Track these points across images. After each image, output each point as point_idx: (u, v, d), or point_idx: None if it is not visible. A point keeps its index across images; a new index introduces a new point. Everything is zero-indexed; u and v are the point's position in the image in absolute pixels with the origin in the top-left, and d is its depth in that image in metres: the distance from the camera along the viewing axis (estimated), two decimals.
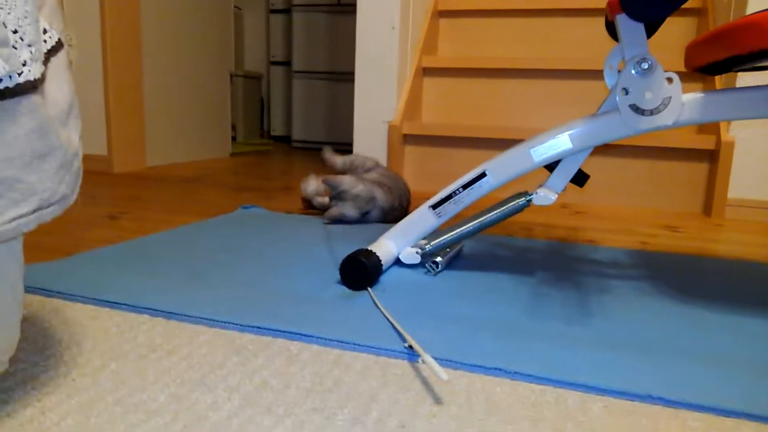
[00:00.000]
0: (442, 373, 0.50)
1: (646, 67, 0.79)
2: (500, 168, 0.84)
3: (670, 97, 0.79)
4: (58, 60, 0.51)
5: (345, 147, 3.50)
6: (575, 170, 0.84)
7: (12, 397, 0.50)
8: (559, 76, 1.89)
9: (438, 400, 0.52)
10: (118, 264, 0.89)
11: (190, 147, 2.56)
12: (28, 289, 0.76)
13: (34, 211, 0.45)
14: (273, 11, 3.85)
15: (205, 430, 0.46)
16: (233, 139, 3.16)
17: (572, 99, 1.89)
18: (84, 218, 1.26)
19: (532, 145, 0.82)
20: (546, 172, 0.88)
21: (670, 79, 0.79)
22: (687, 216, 1.59)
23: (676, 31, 1.92)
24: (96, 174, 1.98)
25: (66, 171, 0.47)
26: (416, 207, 0.91)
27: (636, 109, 0.80)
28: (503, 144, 1.78)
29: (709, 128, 1.68)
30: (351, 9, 3.37)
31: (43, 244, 1.03)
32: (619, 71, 0.83)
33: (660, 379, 0.56)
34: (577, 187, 1.73)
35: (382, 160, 1.88)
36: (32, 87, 0.44)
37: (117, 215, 1.30)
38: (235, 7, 3.13)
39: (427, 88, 2.03)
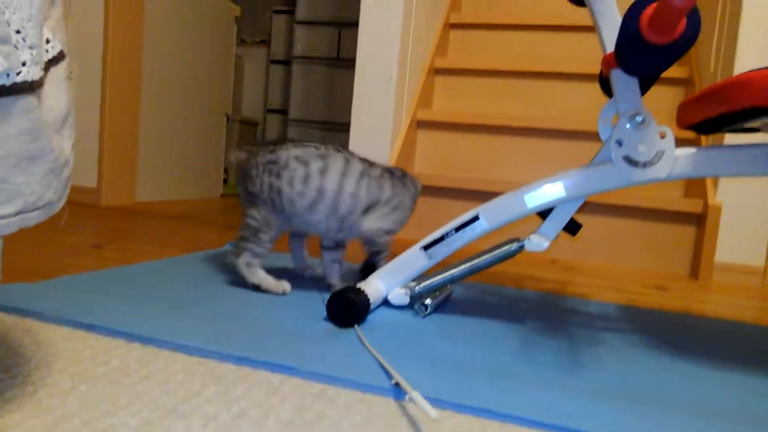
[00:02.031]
0: (431, 410, 0.48)
1: (640, 120, 0.80)
2: (494, 212, 0.84)
3: (664, 151, 0.80)
4: (58, 70, 0.51)
5: None
6: (568, 218, 0.84)
7: None
8: (551, 136, 1.93)
9: None
10: (98, 289, 0.86)
11: (181, 185, 2.55)
12: (2, 308, 0.73)
13: (17, 214, 0.43)
14: (273, 61, 3.94)
15: None
16: (225, 181, 3.17)
17: (563, 158, 1.92)
18: (67, 245, 1.23)
19: (526, 191, 0.83)
20: (539, 220, 0.88)
21: (663, 134, 0.80)
22: (675, 277, 1.59)
23: (665, 99, 1.99)
24: (83, 206, 1.96)
25: (54, 177, 0.46)
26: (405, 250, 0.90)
27: (630, 161, 0.81)
28: (493, 197, 1.80)
29: (697, 192, 1.71)
30: (349, 64, 3.46)
31: (22, 266, 1.00)
32: (612, 125, 0.84)
33: (653, 429, 0.54)
34: (567, 243, 1.73)
35: None
36: (29, 88, 0.43)
37: (101, 245, 1.28)
38: (236, 55, 3.20)
39: (421, 140, 2.07)
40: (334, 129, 3.56)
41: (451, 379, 0.62)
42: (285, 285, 0.93)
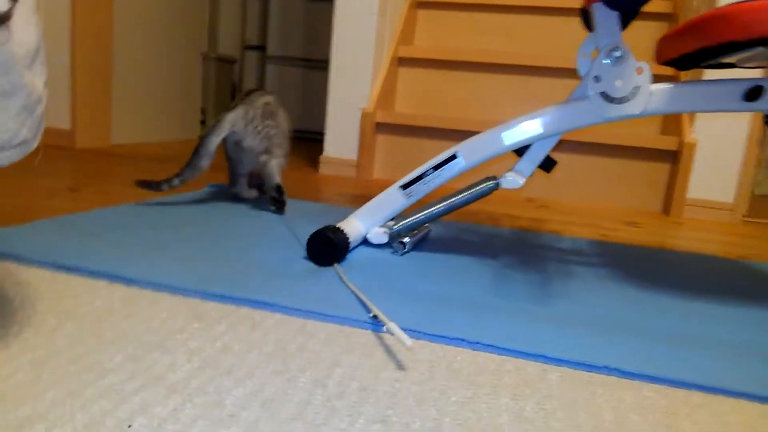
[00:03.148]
0: (406, 339, 0.50)
1: (618, 55, 0.80)
2: (471, 150, 0.84)
3: (640, 87, 0.81)
4: (27, 3, 0.49)
5: (317, 135, 3.48)
6: (543, 156, 0.85)
7: None
8: (533, 73, 1.92)
9: (401, 367, 0.52)
10: (77, 232, 0.86)
11: (158, 127, 2.51)
12: None
13: None
14: None
15: (163, 389, 0.45)
16: (202, 122, 3.11)
17: (545, 95, 1.92)
18: (43, 188, 1.22)
19: (503, 128, 0.83)
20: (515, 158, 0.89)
21: (640, 69, 0.81)
22: (647, 214, 1.63)
23: (646, 35, 1.97)
24: (58, 148, 1.92)
25: (28, 114, 0.46)
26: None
27: (606, 96, 0.81)
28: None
29: (672, 129, 1.73)
30: None
31: None
32: (592, 60, 0.84)
33: (618, 353, 0.57)
34: (542, 181, 1.76)
35: (354, 148, 1.87)
36: None
37: (78, 187, 1.27)
38: None
39: (402, 78, 2.04)
40: (314, 66, 3.49)
41: (426, 312, 0.65)
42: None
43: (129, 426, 0.35)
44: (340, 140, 1.89)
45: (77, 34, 1.95)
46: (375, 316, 0.60)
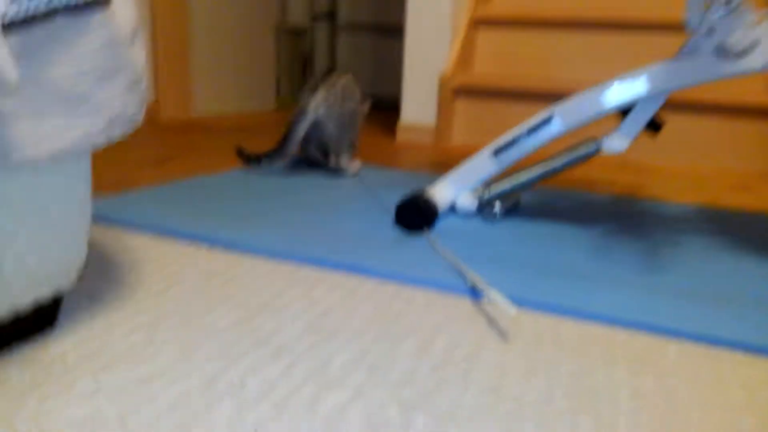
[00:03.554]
0: (510, 306, 0.48)
1: (735, 5, 0.73)
2: (570, 112, 0.80)
3: (759, 39, 0.73)
4: None
5: (390, 104, 3.45)
6: (650, 116, 0.79)
7: (78, 310, 0.51)
8: (624, 30, 1.80)
9: (505, 336, 0.50)
10: (172, 202, 0.89)
11: (236, 99, 2.56)
12: None
13: (104, 129, 0.44)
14: None
15: (270, 350, 0.46)
16: (277, 93, 3.15)
17: (636, 54, 1.79)
18: (131, 161, 1.27)
19: (604, 87, 0.78)
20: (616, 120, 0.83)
21: (760, 18, 0.73)
22: (756, 176, 1.51)
23: None
24: (143, 121, 2.01)
25: (133, 91, 0.47)
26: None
27: (722, 51, 0.74)
28: (560, 97, 1.71)
29: None
30: None
31: (96, 179, 1.04)
32: (704, 11, 0.77)
33: (740, 327, 0.53)
34: (638, 144, 1.65)
35: (432, 114, 1.84)
36: (104, 2, 0.43)
37: (163, 160, 1.31)
38: None
39: (481, 39, 1.96)
40: (386, 32, 3.44)
41: (526, 280, 0.62)
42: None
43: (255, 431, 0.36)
44: (418, 106, 1.86)
45: (156, 9, 2.01)
46: (474, 286, 0.58)
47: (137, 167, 1.20)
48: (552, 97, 1.73)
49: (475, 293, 0.58)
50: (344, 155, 1.17)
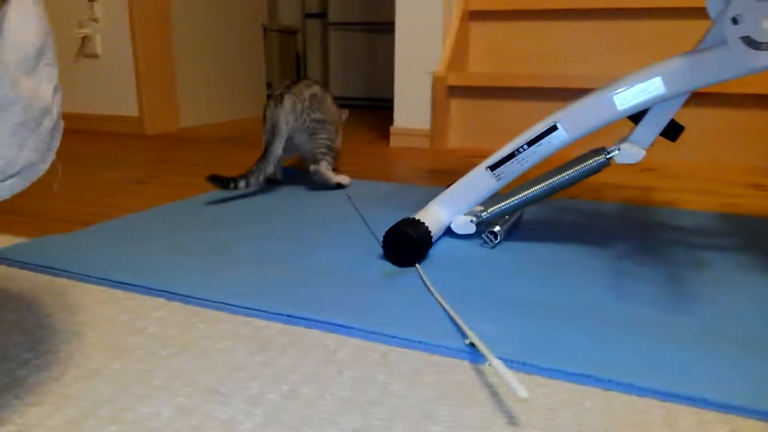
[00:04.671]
0: (521, 389, 0.39)
1: None
2: (575, 119, 0.69)
3: None
4: None
5: (385, 103, 3.35)
6: (667, 120, 0.69)
7: None
8: (624, 16, 1.69)
9: (513, 420, 0.40)
10: (138, 236, 0.80)
11: (225, 106, 2.46)
12: (32, 267, 0.68)
13: None
14: None
15: None
16: (269, 97, 3.06)
17: (640, 43, 1.68)
18: (108, 182, 1.18)
19: (615, 90, 0.68)
20: (629, 124, 0.73)
21: None
22: None
23: None
24: (128, 136, 1.91)
25: (29, 132, 0.37)
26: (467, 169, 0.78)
27: (750, 42, 0.64)
28: (560, 94, 1.61)
29: None
30: None
31: (58, 213, 0.95)
32: None
33: None
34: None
35: (426, 115, 1.74)
36: None
37: (144, 180, 1.22)
38: None
39: (475, 34, 1.86)
40: (378, 29, 3.33)
41: (534, 330, 0.52)
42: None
43: None
44: (411, 108, 1.76)
45: (136, 18, 1.91)
46: (473, 344, 0.48)
47: (111, 191, 1.10)
48: (553, 93, 1.62)
49: (474, 354, 0.49)
50: (323, 162, 1.08)
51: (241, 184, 1.00)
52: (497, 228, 0.76)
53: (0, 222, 0.89)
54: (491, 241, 0.76)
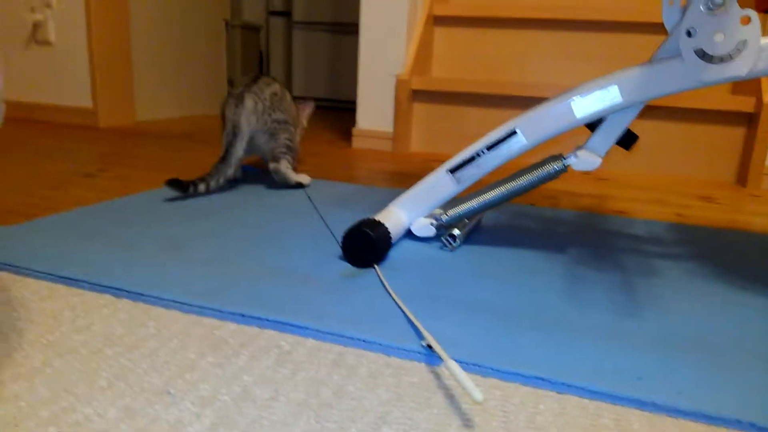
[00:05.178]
0: (476, 391, 0.38)
1: (720, 2, 0.65)
2: (534, 125, 0.70)
3: (746, 41, 0.65)
4: None
5: (347, 104, 3.34)
6: (622, 129, 0.71)
7: None
8: (584, 28, 1.73)
9: (467, 422, 0.40)
10: (86, 230, 0.77)
11: (183, 101, 2.41)
12: None
13: None
14: None
15: None
16: (228, 94, 3.01)
17: (598, 53, 1.73)
18: (57, 174, 1.13)
19: (572, 97, 0.69)
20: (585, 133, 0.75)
21: (746, 19, 0.65)
22: (720, 185, 1.46)
23: None
24: (81, 128, 1.84)
25: None
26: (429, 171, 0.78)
27: (703, 55, 0.66)
28: (521, 102, 1.64)
29: (748, 89, 1.54)
30: None
31: (1, 204, 0.90)
32: (681, 8, 0.69)
33: (743, 396, 0.44)
34: None
35: (389, 118, 1.74)
36: None
37: (95, 173, 1.17)
38: None
39: (439, 39, 1.87)
40: (343, 30, 3.32)
41: (491, 333, 0.53)
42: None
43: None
44: (374, 110, 1.76)
45: (92, 5, 1.84)
46: (429, 346, 0.48)
47: (59, 183, 1.06)
48: (515, 100, 1.65)
49: (430, 356, 0.48)
50: (283, 161, 1.07)
51: (201, 187, 0.98)
52: (456, 231, 0.76)
53: None
54: (450, 244, 0.76)
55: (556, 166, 0.71)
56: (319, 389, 0.44)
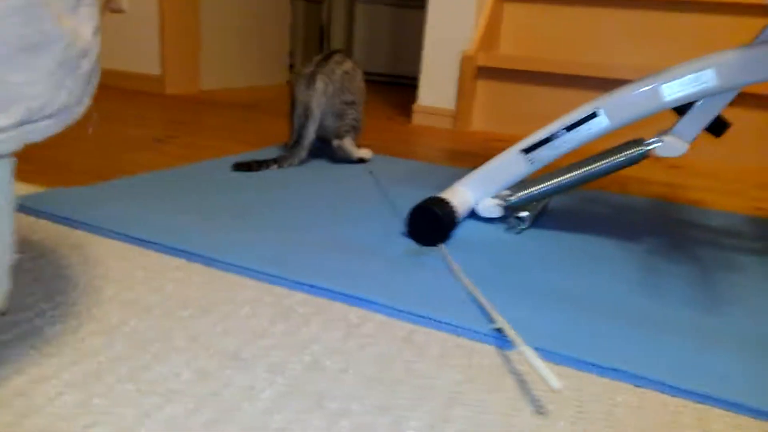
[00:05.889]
0: (554, 379, 0.37)
1: None
2: (618, 106, 0.67)
3: None
4: None
5: (408, 80, 3.30)
6: (714, 115, 0.66)
7: (6, 356, 0.41)
8: (662, 7, 1.64)
9: (540, 409, 0.39)
10: (158, 194, 0.79)
11: (247, 72, 2.44)
12: (50, 217, 0.67)
13: (18, 125, 0.33)
14: None
15: (234, 427, 0.35)
16: (291, 66, 3.02)
17: (677, 34, 1.63)
18: (127, 140, 1.16)
19: (663, 79, 0.65)
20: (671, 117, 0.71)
21: None
22: None
23: None
24: (147, 95, 1.90)
25: (67, 73, 0.35)
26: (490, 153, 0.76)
27: None
28: (593, 83, 1.57)
29: None
30: None
31: (76, 164, 0.94)
32: None
33: None
34: None
35: (451, 95, 1.70)
36: None
37: (164, 139, 1.20)
38: None
39: (508, 15, 1.81)
40: (406, 5, 3.27)
41: (564, 321, 0.51)
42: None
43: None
44: (436, 87, 1.73)
45: None
46: (500, 329, 0.46)
47: (131, 147, 1.09)
48: (586, 81, 1.58)
49: (501, 340, 0.47)
50: (347, 138, 1.06)
51: (273, 167, 0.98)
52: (525, 213, 0.74)
53: (19, 171, 0.88)
54: (518, 226, 0.74)
55: (638, 150, 0.68)
56: (389, 365, 0.43)
